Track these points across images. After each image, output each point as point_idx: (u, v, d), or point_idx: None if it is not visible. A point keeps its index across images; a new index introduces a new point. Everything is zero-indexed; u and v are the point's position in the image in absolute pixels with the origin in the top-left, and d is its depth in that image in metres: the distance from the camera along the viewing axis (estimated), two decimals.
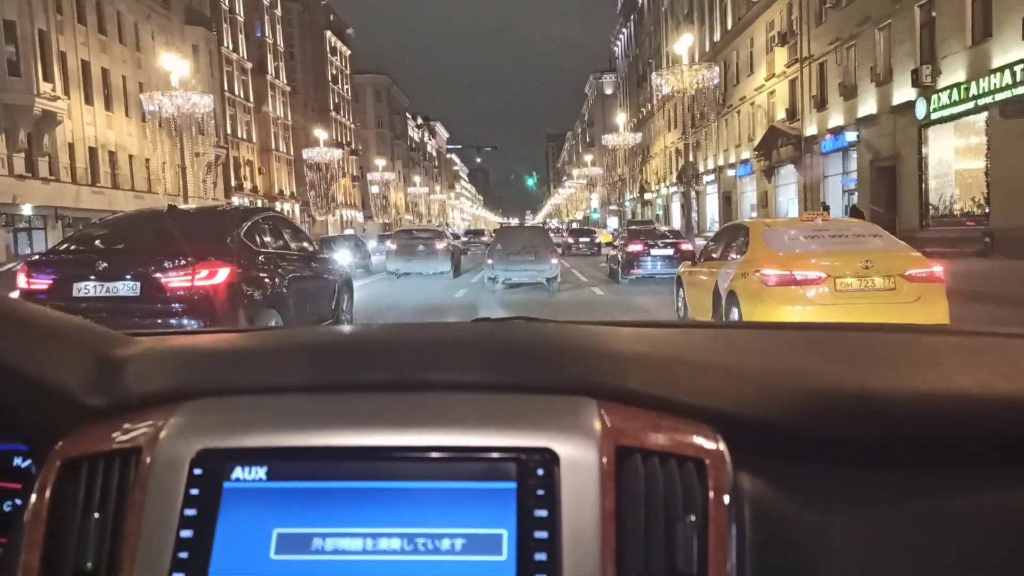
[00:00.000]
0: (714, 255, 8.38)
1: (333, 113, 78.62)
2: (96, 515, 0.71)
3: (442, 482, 0.69)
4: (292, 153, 63.48)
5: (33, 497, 0.73)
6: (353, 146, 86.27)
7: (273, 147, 60.89)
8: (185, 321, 5.89)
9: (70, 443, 0.76)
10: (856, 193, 26.66)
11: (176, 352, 0.94)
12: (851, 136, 26.38)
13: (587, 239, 34.58)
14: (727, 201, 42.59)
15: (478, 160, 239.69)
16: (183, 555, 0.68)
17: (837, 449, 0.74)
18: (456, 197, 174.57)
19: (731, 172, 40.33)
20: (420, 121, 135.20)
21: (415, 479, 0.69)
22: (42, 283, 6.02)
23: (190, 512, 0.69)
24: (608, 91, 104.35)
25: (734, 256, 7.61)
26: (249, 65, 55.77)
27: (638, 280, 16.43)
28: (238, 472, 0.70)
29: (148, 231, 6.73)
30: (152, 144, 35.77)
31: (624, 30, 79.75)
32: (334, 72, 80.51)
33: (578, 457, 0.68)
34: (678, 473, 0.69)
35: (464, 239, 41.02)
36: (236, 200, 52.45)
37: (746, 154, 38.38)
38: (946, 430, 0.75)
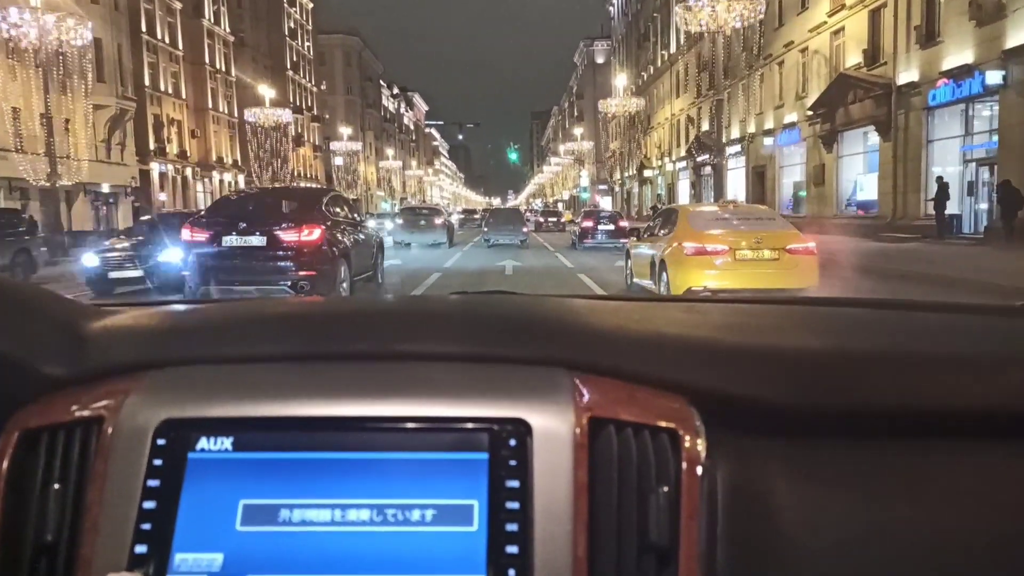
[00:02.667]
0: (653, 232, 10.58)
1: (291, 73, 69.00)
2: (56, 487, 0.70)
3: (413, 452, 0.68)
4: (237, 115, 54.06)
5: None
6: (315, 111, 76.68)
7: (210, 106, 51.47)
8: (292, 264, 9.09)
9: (29, 413, 0.74)
10: (995, 166, 18.21)
11: (142, 322, 0.90)
12: (993, 78, 17.84)
13: (554, 219, 42.39)
14: (759, 178, 33.93)
15: (460, 137, 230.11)
16: (146, 527, 0.66)
17: (811, 422, 0.75)
18: (435, 174, 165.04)
19: (767, 141, 31.69)
20: (396, 91, 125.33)
21: (385, 449, 0.68)
22: (201, 236, 9.30)
23: (153, 483, 0.68)
24: (600, 59, 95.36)
25: (666, 232, 9.80)
26: (178, 5, 46.19)
27: (590, 248, 22.71)
28: (203, 442, 0.69)
29: (266, 202, 11.10)
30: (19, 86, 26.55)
31: None
32: (292, 26, 70.78)
33: (551, 428, 0.68)
34: (651, 444, 0.69)
35: (461, 216, 47.92)
36: (156, 166, 43.09)
37: (792, 116, 29.81)
38: (921, 402, 0.75)
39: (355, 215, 11.49)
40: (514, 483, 0.66)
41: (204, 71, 50.45)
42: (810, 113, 27.23)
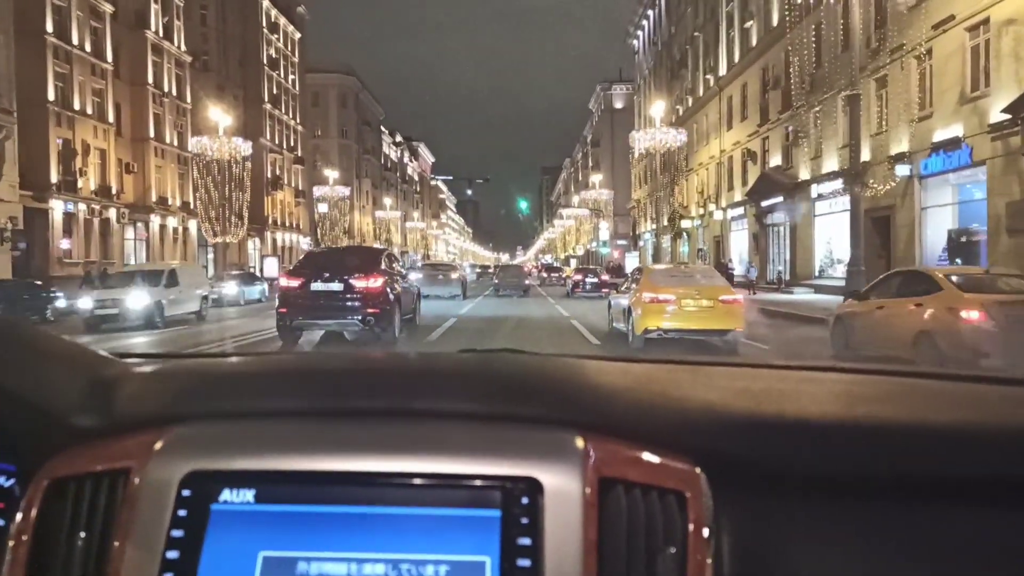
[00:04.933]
0: (627, 286, 13.41)
1: (268, 107, 60.02)
2: (82, 535, 0.72)
3: (427, 508, 0.70)
4: (191, 150, 44.58)
5: (18, 517, 0.74)
6: (298, 152, 67.47)
7: (153, 136, 42.04)
8: (362, 304, 11.91)
9: (58, 463, 0.77)
10: None
11: (167, 375, 0.95)
12: None
13: (556, 274, 48.36)
14: (879, 225, 23.56)
15: (469, 192, 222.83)
16: (168, 575, 0.68)
17: (815, 485, 0.76)
18: (440, 227, 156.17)
19: (900, 170, 21.28)
20: (399, 139, 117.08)
21: (401, 505, 0.70)
22: (295, 282, 12.30)
23: (177, 533, 0.70)
24: (618, 104, 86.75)
25: (635, 287, 12.40)
26: (108, 9, 37.07)
27: (580, 297, 29.72)
28: (226, 494, 0.71)
29: (342, 256, 14.56)
30: None
31: (649, 13, 61.90)
32: (273, 55, 62.09)
33: (562, 487, 0.70)
34: (659, 505, 0.71)
35: (478, 271, 61.72)
36: (59, 204, 33.26)
37: (953, 130, 19.59)
38: (924, 467, 0.77)
39: (400, 268, 15.19)
40: (526, 540, 0.67)
41: (146, 93, 41.16)
42: (1004, 119, 17.02)
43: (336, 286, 11.91)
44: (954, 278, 8.52)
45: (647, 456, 0.75)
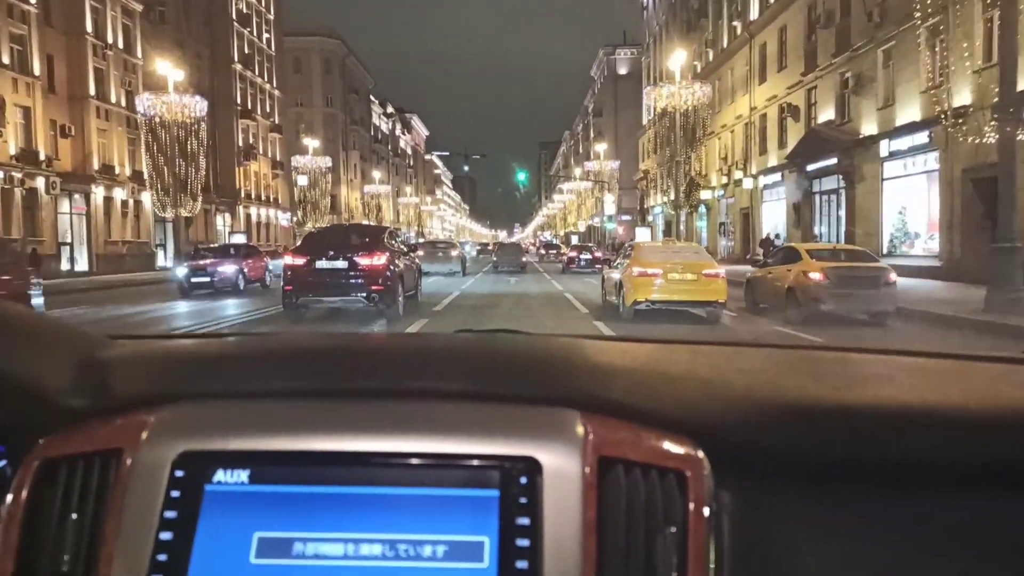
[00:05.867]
0: (619, 261, 14.04)
1: (239, 67, 54.17)
2: (74, 516, 0.72)
3: (425, 488, 0.69)
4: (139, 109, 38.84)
5: (9, 498, 0.73)
6: (275, 119, 61.67)
7: (94, 94, 36.36)
8: (364, 281, 12.06)
9: (50, 444, 0.77)
10: None
11: (159, 355, 0.94)
12: None
13: (555, 251, 50.65)
14: (983, 189, 18.11)
15: (466, 168, 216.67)
16: (162, 557, 0.68)
17: (815, 465, 0.76)
18: (435, 203, 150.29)
19: None
20: (391, 110, 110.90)
21: (398, 485, 0.70)
22: (300, 260, 12.42)
23: (170, 514, 0.69)
24: (623, 70, 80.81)
25: (625, 262, 13.08)
26: None
27: (575, 272, 31.12)
28: (220, 475, 0.71)
29: (345, 234, 14.09)
30: None
31: None
32: (244, 9, 56.14)
33: (561, 466, 0.69)
34: (659, 485, 0.70)
35: (478, 248, 64.53)
36: None
37: None
38: (920, 450, 0.76)
39: (402, 245, 14.87)
40: (524, 520, 0.67)
41: (85, 44, 35.43)
42: None
43: (341, 264, 12.19)
44: (810, 251, 12.94)
45: (646, 435, 0.75)
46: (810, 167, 27.99)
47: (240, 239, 44.43)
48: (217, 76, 50.44)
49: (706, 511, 0.69)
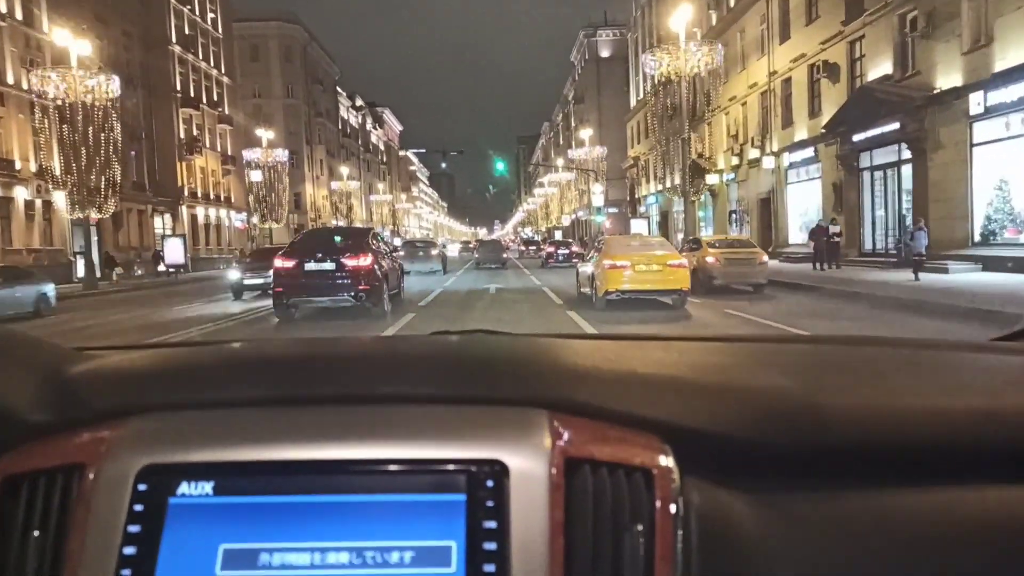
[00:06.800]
0: (591, 253, 15.27)
1: (177, 49, 47.95)
2: (36, 533, 0.71)
3: (391, 495, 0.69)
4: (54, 98, 32.54)
5: None
6: (223, 109, 55.41)
7: None
8: (353, 281, 12.65)
9: (11, 460, 0.75)
10: None
11: (123, 367, 0.92)
12: None
13: (535, 247, 55.01)
14: None
15: (443, 165, 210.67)
16: (126, 572, 0.67)
17: (785, 462, 0.76)
18: (411, 201, 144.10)
19: None
20: (360, 103, 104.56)
21: (364, 492, 0.69)
22: (289, 263, 12.85)
23: (134, 528, 0.69)
24: (605, 52, 75.25)
25: (597, 256, 14.13)
26: None
27: (553, 267, 32.29)
28: (184, 487, 0.70)
29: (332, 236, 14.79)
30: None
31: None
32: None
33: (528, 468, 0.69)
34: (626, 483, 0.70)
35: (460, 246, 65.18)
36: None
37: None
38: (891, 443, 0.77)
39: (384, 246, 15.84)
40: (491, 524, 0.67)
41: None
42: None
43: (328, 265, 12.74)
44: (708, 243, 17.68)
45: (614, 434, 0.74)
46: (858, 136, 22.56)
47: (176, 243, 38.56)
48: (151, 58, 44.26)
49: (673, 508, 0.68)
